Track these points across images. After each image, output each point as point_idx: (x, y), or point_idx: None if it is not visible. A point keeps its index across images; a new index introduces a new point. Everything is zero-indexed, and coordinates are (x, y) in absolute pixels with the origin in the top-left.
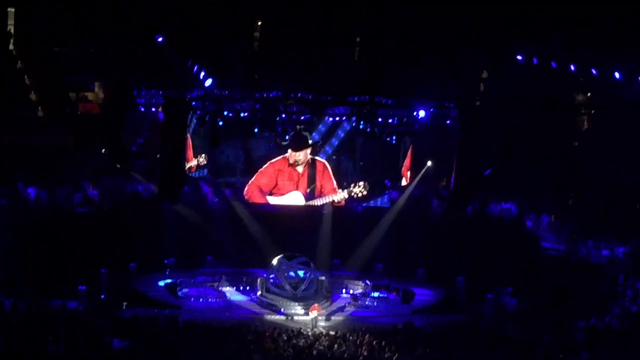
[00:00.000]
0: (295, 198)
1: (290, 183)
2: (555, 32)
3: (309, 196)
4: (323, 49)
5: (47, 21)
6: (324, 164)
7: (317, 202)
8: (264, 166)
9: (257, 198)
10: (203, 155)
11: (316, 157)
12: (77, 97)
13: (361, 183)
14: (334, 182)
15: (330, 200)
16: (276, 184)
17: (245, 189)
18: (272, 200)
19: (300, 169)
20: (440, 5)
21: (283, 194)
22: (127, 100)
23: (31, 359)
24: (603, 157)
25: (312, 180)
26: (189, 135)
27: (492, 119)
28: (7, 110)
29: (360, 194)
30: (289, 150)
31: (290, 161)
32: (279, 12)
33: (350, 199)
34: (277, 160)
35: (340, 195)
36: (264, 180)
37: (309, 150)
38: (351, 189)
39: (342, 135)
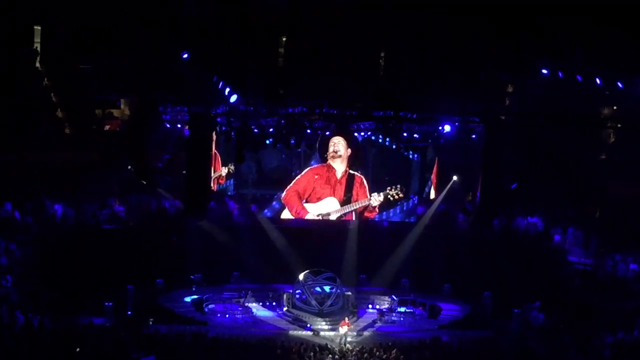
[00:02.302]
0: (330, 204)
1: (327, 187)
2: (580, 46)
3: (344, 203)
4: (348, 65)
5: (72, 38)
6: (362, 179)
7: (353, 206)
8: (304, 171)
9: (294, 203)
10: (233, 164)
11: (355, 172)
12: (103, 114)
13: (398, 186)
14: (369, 196)
15: (366, 204)
16: (313, 189)
17: (284, 193)
18: (309, 207)
19: (339, 175)
20: (466, 20)
21: (320, 199)
22: (153, 116)
23: None
24: (629, 170)
25: (349, 189)
26: (214, 148)
27: (517, 133)
28: (34, 127)
29: (396, 196)
30: (331, 141)
31: (330, 150)
32: (304, 27)
33: (387, 201)
34: (317, 167)
35: (377, 199)
36: (302, 185)
37: (348, 151)
38: (387, 191)
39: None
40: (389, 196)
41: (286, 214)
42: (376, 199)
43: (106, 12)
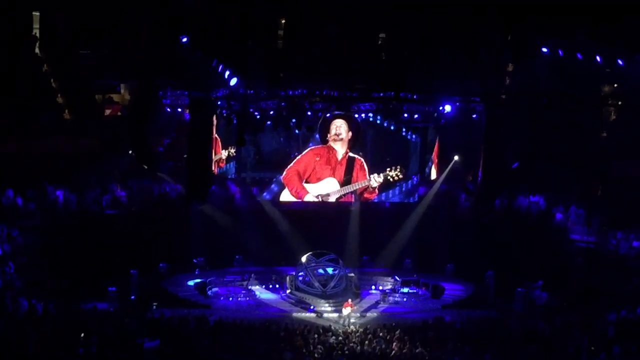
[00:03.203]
0: (330, 185)
1: (328, 168)
2: (581, 24)
3: (343, 184)
4: (347, 46)
5: (71, 24)
6: (362, 162)
7: (352, 187)
8: (305, 151)
9: (294, 183)
10: (233, 146)
11: (355, 155)
12: (103, 99)
13: (397, 167)
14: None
15: (366, 185)
16: (314, 169)
17: (284, 173)
18: (308, 187)
19: (339, 156)
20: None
21: (320, 179)
22: (153, 101)
23: None
24: (631, 147)
25: (349, 171)
26: (214, 132)
27: (518, 112)
28: (34, 113)
29: (396, 177)
30: (333, 124)
31: (332, 132)
32: (303, 9)
33: (387, 182)
34: (318, 147)
35: (377, 180)
36: (303, 165)
37: (349, 134)
38: (387, 172)
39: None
40: (389, 177)
41: (285, 196)
42: (375, 180)
43: None
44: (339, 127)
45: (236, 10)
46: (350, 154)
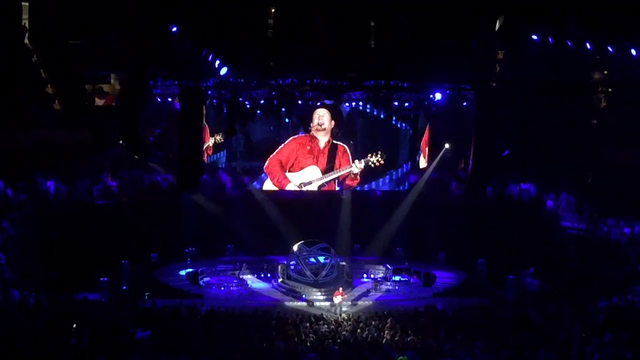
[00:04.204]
0: (312, 172)
1: (310, 157)
2: (571, 10)
3: (326, 172)
4: (337, 35)
5: (61, 14)
6: (345, 148)
7: (334, 174)
8: (287, 141)
9: (275, 172)
10: (220, 133)
11: (338, 142)
12: (93, 90)
13: (378, 152)
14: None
15: (347, 172)
16: (296, 158)
17: (266, 163)
18: (291, 176)
19: (322, 144)
20: None
21: (302, 168)
22: (143, 91)
23: (55, 352)
24: (621, 134)
25: (331, 158)
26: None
27: (509, 100)
28: (23, 104)
29: (377, 163)
30: (315, 113)
31: (314, 122)
32: None
33: (368, 168)
34: (300, 136)
35: (358, 166)
36: (285, 154)
37: (332, 123)
38: (368, 158)
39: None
40: (370, 163)
41: (267, 185)
42: (357, 166)
43: None
44: (322, 117)
45: (226, 0)
46: (334, 141)
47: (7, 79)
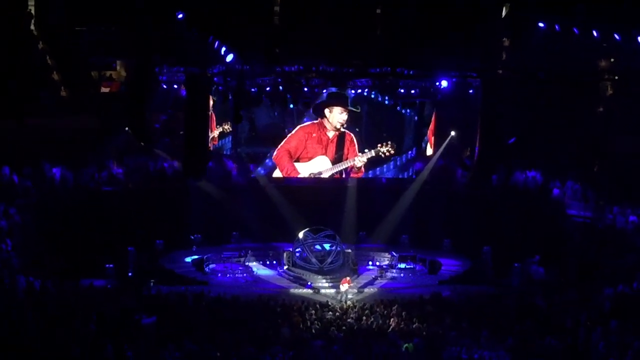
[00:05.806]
0: (321, 163)
1: (319, 147)
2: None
3: (335, 162)
4: (344, 22)
5: (67, 1)
6: (352, 137)
7: (344, 164)
8: (295, 130)
9: (284, 162)
10: (228, 122)
11: (345, 130)
12: (100, 76)
13: (388, 142)
14: (358, 153)
15: (351, 164)
16: (305, 148)
17: (275, 152)
18: (299, 166)
19: (330, 134)
20: None
21: (310, 158)
22: (149, 78)
23: (62, 339)
24: (627, 122)
25: (340, 147)
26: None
27: (515, 87)
28: (30, 91)
29: (387, 153)
30: (330, 112)
31: (333, 122)
32: None
33: (379, 158)
34: (308, 125)
35: (361, 160)
36: (294, 144)
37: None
38: (378, 148)
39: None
40: (380, 153)
41: (278, 173)
42: (360, 160)
43: None
44: (342, 117)
45: None
46: (341, 130)
47: (13, 66)
